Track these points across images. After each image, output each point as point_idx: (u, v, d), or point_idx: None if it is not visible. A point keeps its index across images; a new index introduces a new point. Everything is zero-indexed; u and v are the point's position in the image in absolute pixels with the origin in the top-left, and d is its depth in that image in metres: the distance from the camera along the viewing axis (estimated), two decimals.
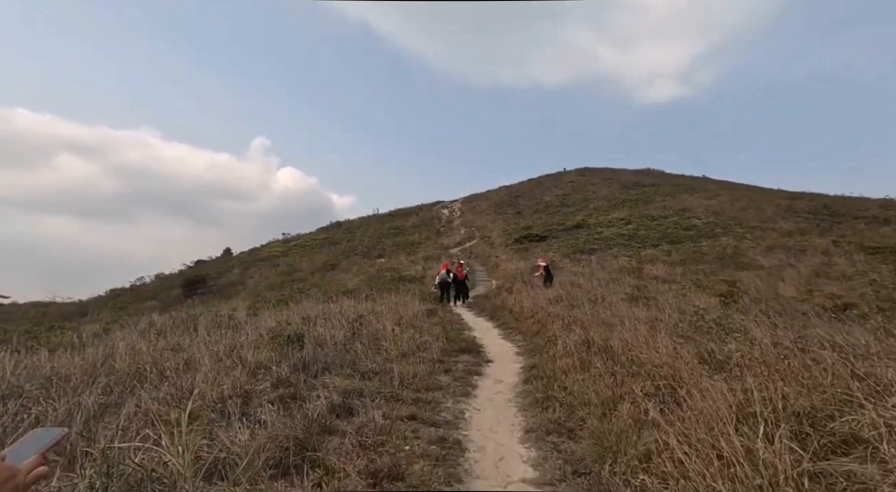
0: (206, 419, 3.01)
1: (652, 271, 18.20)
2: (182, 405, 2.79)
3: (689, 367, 3.68)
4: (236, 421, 2.99)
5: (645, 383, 3.51)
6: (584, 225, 31.57)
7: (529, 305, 9.47)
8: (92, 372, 4.59)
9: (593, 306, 8.86)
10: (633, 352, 4.27)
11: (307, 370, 4.48)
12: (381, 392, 4.16)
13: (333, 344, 5.52)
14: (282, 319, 8.13)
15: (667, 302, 8.87)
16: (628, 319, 7.02)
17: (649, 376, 3.67)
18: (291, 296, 14.72)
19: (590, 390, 3.63)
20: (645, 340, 4.69)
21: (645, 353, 4.18)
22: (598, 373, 3.99)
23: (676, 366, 3.70)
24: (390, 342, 5.97)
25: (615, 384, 3.58)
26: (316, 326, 7.05)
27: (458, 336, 7.53)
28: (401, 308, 9.47)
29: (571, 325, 6.62)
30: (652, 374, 3.66)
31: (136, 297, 34.85)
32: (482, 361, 6.12)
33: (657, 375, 3.57)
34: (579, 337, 5.27)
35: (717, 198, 34.59)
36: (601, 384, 3.64)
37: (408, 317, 8.47)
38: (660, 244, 24.95)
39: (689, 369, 3.63)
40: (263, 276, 34.36)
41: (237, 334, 6.26)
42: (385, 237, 39.66)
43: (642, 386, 3.47)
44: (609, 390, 3.47)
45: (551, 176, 58.43)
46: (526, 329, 8.15)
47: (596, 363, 4.25)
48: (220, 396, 3.38)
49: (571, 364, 4.58)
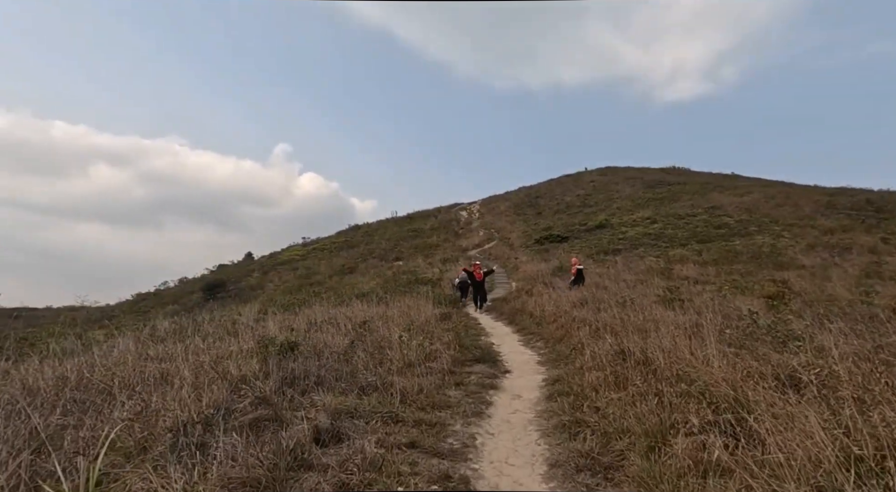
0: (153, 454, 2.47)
1: (682, 272, 17.14)
2: (92, 454, 2.25)
3: (755, 386, 2.94)
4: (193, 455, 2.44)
5: (700, 407, 2.80)
6: (607, 225, 30.45)
7: (552, 309, 8.74)
8: (63, 386, 4.14)
9: (622, 310, 8.09)
10: (679, 365, 3.55)
11: (296, 385, 3.92)
12: (379, 412, 3.55)
13: (331, 353, 4.95)
14: (286, 324, 7.64)
15: (705, 305, 8.02)
16: (663, 324, 6.25)
17: (703, 397, 2.95)
18: (304, 300, 14.33)
19: (629, 415, 2.93)
20: (690, 351, 3.94)
21: (694, 366, 3.45)
22: (639, 392, 3.29)
23: (737, 384, 2.97)
24: (396, 351, 5.36)
25: (661, 408, 2.88)
26: (319, 333, 6.53)
27: (473, 343, 6.88)
28: (413, 312, 8.88)
29: (600, 331, 5.89)
30: (707, 395, 2.94)
31: (158, 301, 35.39)
32: (499, 373, 5.45)
33: (715, 396, 2.86)
34: (611, 346, 4.55)
35: (749, 195, 32.87)
36: (644, 408, 2.94)
37: (419, 322, 7.87)
38: (689, 244, 23.69)
39: (756, 388, 2.90)
40: (282, 279, 34.45)
41: (234, 342, 5.77)
42: (403, 240, 39.32)
43: (697, 411, 2.76)
44: (655, 416, 2.77)
45: (572, 176, 57.17)
46: (548, 335, 7.44)
47: (634, 379, 3.54)
48: (183, 419, 2.83)
49: (603, 379, 3.87)
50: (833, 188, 35.04)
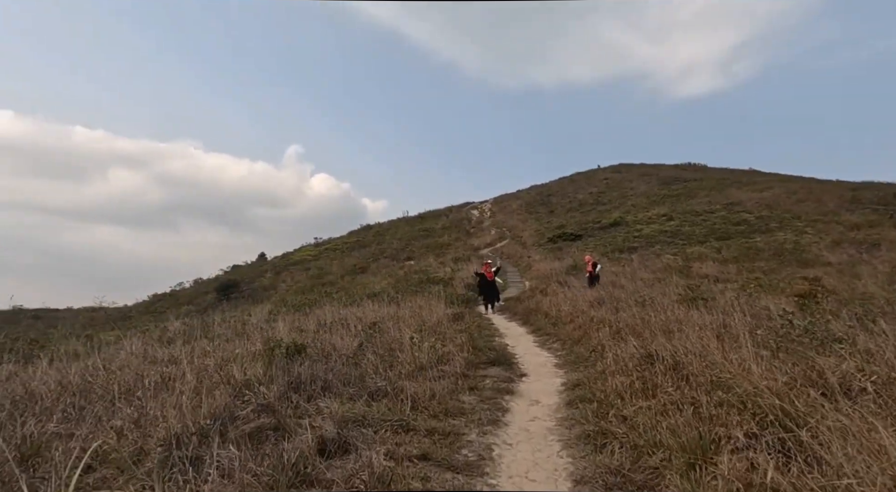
0: (143, 469, 2.29)
1: (701, 270, 16.65)
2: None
3: (801, 394, 2.65)
4: (186, 471, 2.24)
5: (743, 418, 2.51)
6: (621, 222, 29.90)
7: (568, 309, 8.44)
8: (63, 391, 4.01)
9: (642, 309, 7.76)
10: (713, 371, 3.25)
11: (302, 390, 3.72)
12: (389, 420, 3.33)
13: (339, 356, 4.75)
14: (295, 325, 7.49)
15: (730, 304, 7.65)
16: (688, 324, 5.93)
17: (745, 407, 2.67)
18: (315, 300, 14.23)
19: (662, 427, 2.66)
20: (723, 354, 3.64)
21: (730, 372, 3.15)
22: (670, 400, 3.01)
23: (782, 392, 2.67)
24: (407, 353, 5.15)
25: (699, 420, 2.60)
26: (328, 334, 6.35)
27: (487, 344, 6.63)
28: (424, 312, 8.67)
29: (621, 332, 5.59)
30: (749, 404, 2.65)
31: (174, 301, 35.81)
32: (515, 376, 5.20)
33: (759, 406, 2.57)
34: (636, 349, 4.25)
35: (769, 190, 31.96)
36: (678, 419, 2.66)
37: (431, 322, 7.65)
38: (707, 241, 23.08)
39: (803, 397, 2.61)
40: (295, 280, 34.59)
41: (242, 344, 5.62)
42: (414, 239, 39.22)
43: (740, 423, 2.48)
44: (692, 429, 2.50)
45: (584, 173, 56.51)
46: (565, 336, 7.15)
47: (665, 386, 3.25)
48: (177, 430, 2.64)
49: (629, 385, 3.59)
50: (857, 183, 33.90)
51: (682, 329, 5.78)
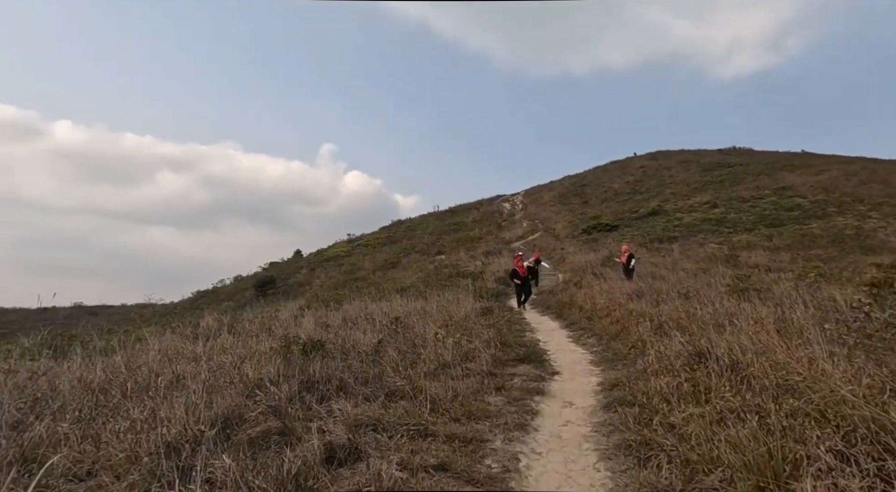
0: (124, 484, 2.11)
1: (751, 259, 15.52)
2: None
3: None
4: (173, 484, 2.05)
5: (825, 432, 2.06)
6: (660, 211, 28.53)
7: (604, 302, 7.93)
8: (84, 388, 3.98)
9: (686, 302, 7.16)
10: (780, 372, 2.77)
11: (315, 390, 3.51)
12: (406, 424, 3.06)
13: (358, 353, 4.53)
14: (322, 321, 7.39)
15: (787, 295, 6.92)
16: (741, 318, 5.35)
17: (824, 417, 2.21)
18: (345, 295, 14.24)
19: (719, 439, 2.24)
20: (789, 353, 3.14)
21: (800, 374, 2.67)
22: (728, 407, 2.56)
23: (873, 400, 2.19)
24: (430, 350, 4.87)
25: (768, 433, 2.16)
26: (352, 330, 6.18)
27: (517, 340, 6.27)
28: (452, 307, 8.38)
29: (664, 326, 5.10)
30: (829, 414, 2.19)
31: (215, 298, 37.28)
32: (546, 374, 4.82)
33: (845, 417, 2.11)
34: (683, 345, 3.77)
35: (825, 173, 29.60)
36: (741, 431, 2.23)
37: (458, 317, 7.36)
38: (756, 228, 21.59)
39: None
40: (328, 275, 35.24)
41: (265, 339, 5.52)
42: (445, 234, 39.08)
43: (820, 437, 2.03)
44: (759, 444, 2.07)
45: (619, 162, 54.55)
46: (601, 330, 6.68)
47: (721, 390, 2.80)
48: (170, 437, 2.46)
49: (676, 386, 3.15)
50: None
51: (734, 323, 5.22)
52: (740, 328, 4.78)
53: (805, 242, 17.50)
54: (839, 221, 20.26)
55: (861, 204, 22.35)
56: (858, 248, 15.74)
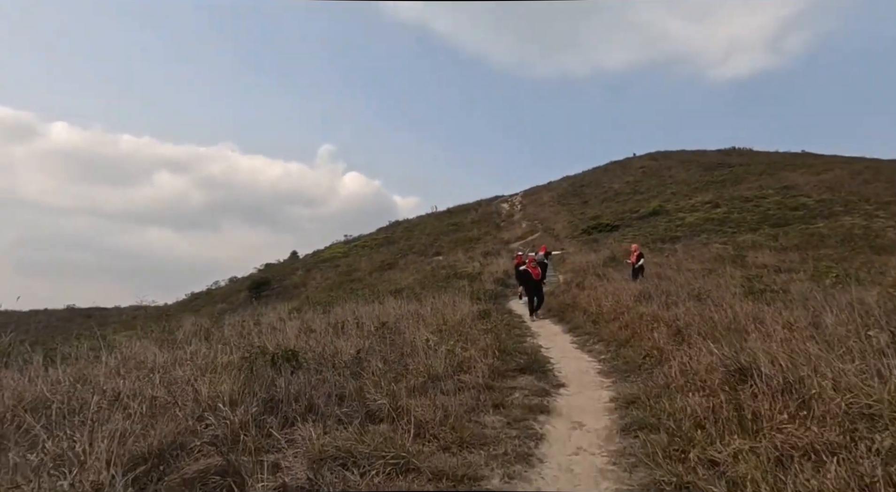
0: None
1: (758, 259, 15.01)
2: None
3: None
4: None
5: None
6: (661, 211, 28.03)
7: (610, 304, 7.39)
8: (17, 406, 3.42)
9: (699, 304, 6.63)
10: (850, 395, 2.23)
11: (279, 412, 2.96)
12: (384, 455, 2.51)
13: (336, 365, 3.98)
14: (306, 326, 6.84)
15: (808, 297, 6.40)
16: (767, 322, 4.82)
17: None
18: (338, 298, 13.68)
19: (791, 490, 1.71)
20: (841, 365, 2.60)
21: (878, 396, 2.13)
22: (794, 443, 2.02)
23: None
24: (421, 359, 4.32)
25: (861, 483, 1.62)
26: (338, 336, 5.63)
27: (517, 346, 5.73)
28: (447, 310, 7.84)
29: (682, 332, 4.56)
30: None
31: (209, 300, 36.65)
32: (550, 387, 4.27)
33: None
34: (720, 358, 3.21)
35: (829, 172, 29.15)
36: (821, 479, 1.69)
37: (453, 321, 6.82)
38: (760, 228, 21.09)
39: None
40: (324, 277, 34.69)
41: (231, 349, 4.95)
42: (443, 234, 38.59)
43: None
44: None
45: (619, 162, 54.05)
46: (608, 336, 6.14)
47: (777, 418, 2.25)
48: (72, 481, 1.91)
49: (711, 409, 2.61)
50: None
51: (759, 328, 4.69)
52: (769, 334, 4.25)
53: (813, 242, 17.00)
54: (846, 220, 19.78)
55: (867, 203, 21.88)
56: (869, 247, 15.24)
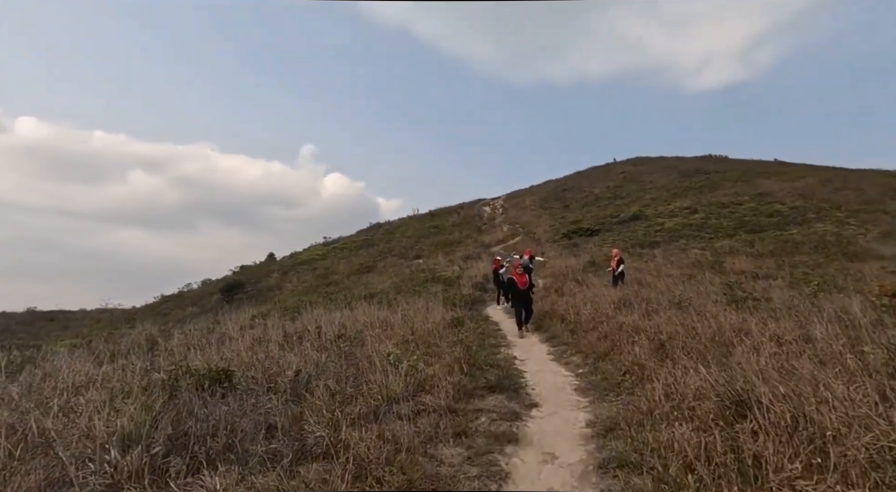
0: None
1: (735, 265, 15.01)
2: None
3: None
4: None
5: None
6: (641, 216, 28.16)
7: (589, 312, 7.03)
8: None
9: (680, 313, 6.33)
10: (870, 436, 1.85)
11: (187, 451, 2.44)
12: None
13: (273, 387, 3.47)
14: (258, 337, 6.28)
15: (790, 306, 6.16)
16: (752, 334, 4.51)
17: None
18: (311, 301, 13.04)
19: None
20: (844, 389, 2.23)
21: None
22: None
23: None
24: (379, 377, 3.84)
25: None
26: (290, 350, 5.11)
27: (489, 359, 5.29)
28: (419, 317, 7.37)
29: (665, 346, 4.20)
30: None
31: (180, 303, 35.22)
32: (522, 408, 3.84)
33: None
34: (711, 384, 2.80)
35: (801, 180, 29.77)
36: None
37: (423, 330, 6.34)
38: (737, 234, 21.26)
39: None
40: (301, 280, 33.80)
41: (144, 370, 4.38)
42: (424, 237, 38.13)
43: None
44: None
45: (600, 168, 54.57)
46: (587, 347, 5.76)
47: (787, 466, 1.86)
48: None
49: (702, 446, 2.21)
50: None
51: (745, 340, 4.37)
52: (756, 348, 3.92)
53: (788, 249, 17.14)
54: (819, 227, 20.09)
55: (839, 211, 22.33)
56: (842, 254, 15.40)
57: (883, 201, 23.46)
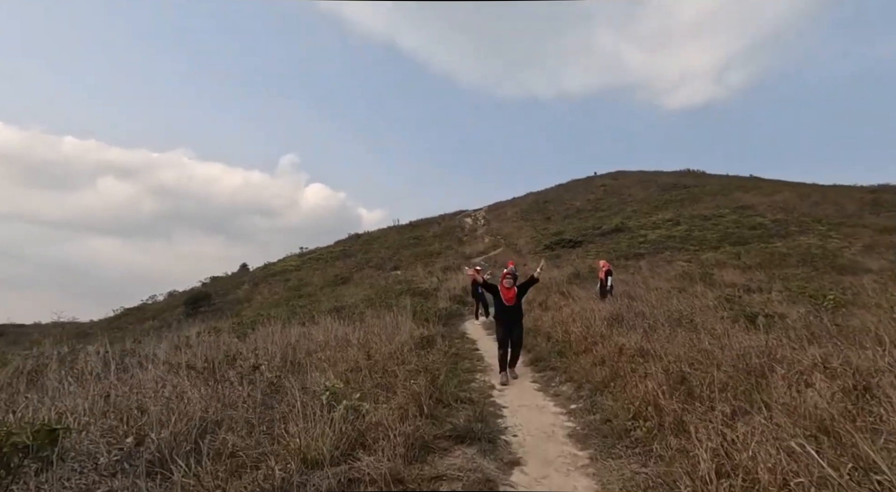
0: None
1: (724, 277, 14.40)
2: None
3: None
4: None
5: None
6: (624, 228, 27.74)
7: (580, 330, 6.07)
8: None
9: (682, 331, 5.42)
10: None
11: None
12: None
13: (130, 451, 2.34)
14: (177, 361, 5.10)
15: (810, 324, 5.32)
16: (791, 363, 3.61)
17: None
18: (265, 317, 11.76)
19: None
20: None
21: None
22: None
23: None
24: (300, 428, 2.75)
25: None
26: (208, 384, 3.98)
27: (460, 391, 4.24)
28: (382, 336, 6.28)
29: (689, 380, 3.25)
30: None
31: (140, 316, 33.01)
32: (498, 469, 2.80)
33: None
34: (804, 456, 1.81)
35: (779, 194, 29.93)
36: None
37: (384, 352, 5.25)
38: (721, 246, 20.86)
39: None
40: (272, 291, 32.20)
41: None
42: (403, 248, 37.02)
43: None
44: None
45: (581, 181, 54.70)
46: (580, 374, 4.76)
47: None
48: None
49: None
50: (875, 186, 31.96)
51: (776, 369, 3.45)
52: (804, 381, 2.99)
53: (775, 261, 16.69)
54: (803, 240, 19.85)
55: (820, 224, 22.24)
56: (831, 267, 14.97)
57: (861, 216, 23.56)
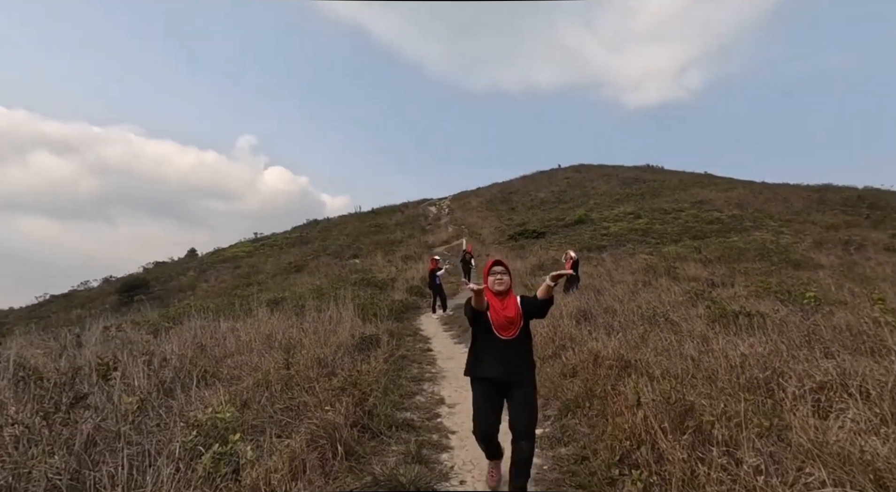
0: None
1: (687, 271, 14.25)
2: None
3: None
4: None
5: None
6: (586, 220, 27.64)
7: (545, 330, 5.27)
8: None
9: (656, 331, 4.76)
10: None
11: None
12: None
13: None
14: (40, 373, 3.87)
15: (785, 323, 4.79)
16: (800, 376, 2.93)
17: None
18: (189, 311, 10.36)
19: None
20: None
21: None
22: None
23: None
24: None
25: None
26: None
27: (397, 410, 3.32)
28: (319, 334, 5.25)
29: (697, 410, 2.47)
30: None
31: (66, 304, 30.02)
32: None
33: None
34: None
35: (734, 190, 30.82)
36: None
37: (309, 358, 4.24)
38: (681, 240, 20.99)
39: None
40: (219, 279, 30.06)
41: None
42: (364, 236, 35.55)
43: None
44: None
45: (545, 173, 54.85)
46: (546, 387, 3.94)
47: None
48: None
49: None
50: (819, 185, 33.51)
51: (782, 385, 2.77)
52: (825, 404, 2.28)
53: (733, 255, 16.80)
54: (757, 235, 20.24)
55: (772, 220, 22.87)
56: (786, 262, 15.14)
57: (809, 212, 24.49)
